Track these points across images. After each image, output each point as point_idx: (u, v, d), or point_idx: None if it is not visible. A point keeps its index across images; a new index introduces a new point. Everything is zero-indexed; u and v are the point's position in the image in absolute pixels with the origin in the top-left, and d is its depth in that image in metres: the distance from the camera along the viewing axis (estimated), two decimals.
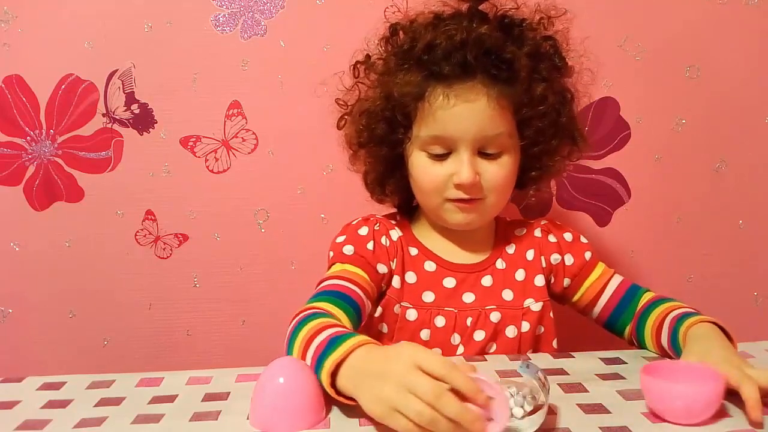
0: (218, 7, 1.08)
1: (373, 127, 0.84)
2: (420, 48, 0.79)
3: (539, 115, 0.81)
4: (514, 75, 0.79)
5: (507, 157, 0.81)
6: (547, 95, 0.81)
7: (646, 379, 0.60)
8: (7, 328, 1.14)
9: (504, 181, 0.82)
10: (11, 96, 1.08)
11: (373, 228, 0.88)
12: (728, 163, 1.16)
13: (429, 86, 0.79)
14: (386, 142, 0.85)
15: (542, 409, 0.56)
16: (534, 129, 0.82)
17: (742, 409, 0.60)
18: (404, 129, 0.83)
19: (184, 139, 1.11)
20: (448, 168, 0.80)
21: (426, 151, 0.81)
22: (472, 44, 0.77)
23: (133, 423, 0.63)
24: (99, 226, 1.12)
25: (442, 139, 0.80)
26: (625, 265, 1.17)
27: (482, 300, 0.86)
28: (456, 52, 0.77)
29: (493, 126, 0.79)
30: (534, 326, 0.86)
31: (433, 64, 0.79)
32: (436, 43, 0.78)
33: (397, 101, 0.81)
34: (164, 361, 1.14)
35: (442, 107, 0.78)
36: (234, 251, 1.14)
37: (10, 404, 0.68)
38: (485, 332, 0.84)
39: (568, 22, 0.86)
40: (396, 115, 0.82)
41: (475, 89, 0.78)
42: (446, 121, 0.78)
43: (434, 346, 0.85)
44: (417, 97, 0.80)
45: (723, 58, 1.13)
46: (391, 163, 0.87)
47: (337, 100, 0.91)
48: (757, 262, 1.19)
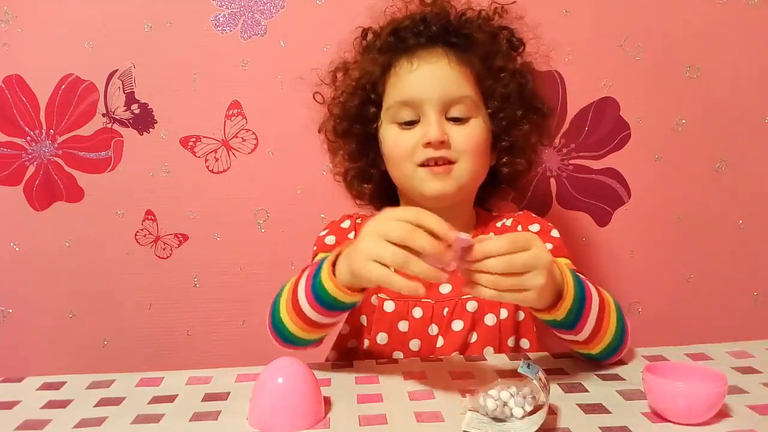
0: (218, 7, 1.08)
1: (347, 107, 0.90)
2: (386, 34, 0.88)
3: (502, 83, 0.87)
4: (472, 45, 0.86)
5: (475, 122, 0.85)
6: (506, 65, 0.88)
7: (649, 378, 0.60)
8: (7, 328, 1.14)
9: (474, 146, 0.85)
10: (11, 96, 1.08)
11: (355, 221, 0.92)
12: (728, 163, 1.16)
13: (394, 58, 0.86)
14: (359, 119, 0.90)
15: (542, 409, 0.56)
16: (498, 97, 0.87)
17: (742, 409, 0.60)
18: (375, 106, 0.88)
19: (184, 139, 1.11)
20: (416, 133, 0.84)
21: (396, 122, 0.86)
22: (432, 17, 0.86)
23: (133, 423, 0.63)
24: (99, 226, 1.12)
25: (408, 101, 0.84)
26: (625, 265, 1.17)
27: (459, 290, 0.86)
28: (418, 25, 0.86)
29: (457, 87, 0.84)
30: (513, 313, 0.86)
31: (399, 42, 0.86)
32: (401, 26, 0.87)
33: (366, 79, 0.87)
34: (164, 361, 1.14)
35: (406, 71, 0.85)
36: (234, 251, 1.14)
37: (10, 404, 0.68)
38: (463, 322, 0.85)
39: (521, 11, 0.94)
40: (367, 93, 0.88)
41: (437, 53, 0.85)
42: (411, 82, 0.84)
43: (413, 338, 0.86)
44: (384, 69, 0.87)
45: (723, 58, 1.13)
46: (366, 145, 0.91)
47: (315, 94, 0.97)
48: (757, 262, 1.19)
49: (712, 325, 1.18)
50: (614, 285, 1.12)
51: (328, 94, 0.97)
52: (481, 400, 0.58)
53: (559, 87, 1.12)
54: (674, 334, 1.17)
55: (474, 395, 0.59)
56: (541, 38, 0.96)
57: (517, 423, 0.56)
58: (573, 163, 1.15)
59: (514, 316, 0.87)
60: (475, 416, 0.58)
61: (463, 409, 0.59)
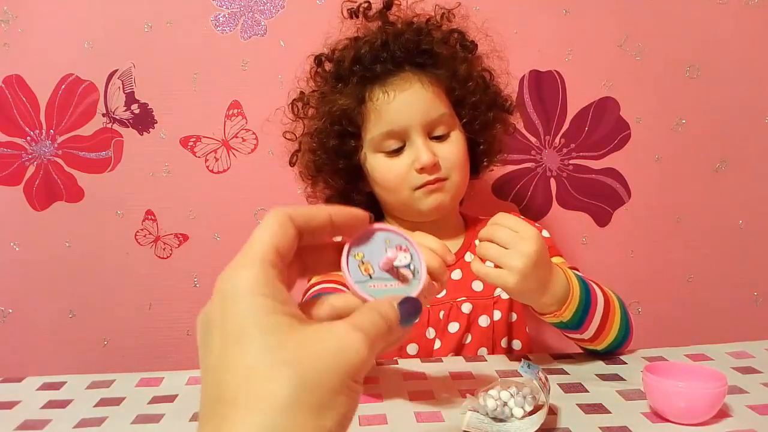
0: (218, 7, 1.08)
1: (325, 143, 0.88)
2: (348, 63, 0.86)
3: (469, 92, 0.89)
4: (436, 61, 0.87)
5: (455, 135, 0.87)
6: (471, 72, 0.89)
7: (650, 379, 0.60)
8: (7, 328, 1.14)
9: (460, 158, 0.87)
10: (11, 96, 1.08)
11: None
12: (728, 163, 1.16)
13: (366, 89, 0.86)
14: (341, 154, 0.89)
15: (542, 409, 0.56)
16: (469, 106, 0.89)
17: (742, 409, 0.60)
18: (354, 139, 0.88)
19: (184, 139, 1.11)
20: (406, 159, 0.85)
21: (382, 151, 0.86)
22: (392, 41, 0.85)
23: (133, 423, 0.63)
24: (99, 226, 1.12)
25: (393, 132, 0.85)
26: (625, 265, 1.17)
27: (453, 293, 0.88)
28: (380, 52, 0.85)
29: (434, 107, 0.85)
30: (506, 314, 0.88)
31: (365, 71, 0.85)
32: (361, 54, 0.86)
33: (341, 113, 0.86)
34: (164, 361, 1.14)
35: (384, 102, 0.84)
36: (234, 251, 1.12)
37: (10, 404, 0.68)
38: (459, 324, 0.86)
39: (466, 11, 0.95)
40: (344, 127, 0.87)
41: (408, 78, 0.85)
42: (392, 113, 0.84)
43: (411, 341, 0.87)
44: (359, 102, 0.86)
45: (723, 58, 1.13)
46: (350, 176, 0.91)
47: (285, 133, 0.97)
48: (757, 262, 1.19)
49: (712, 325, 1.18)
50: (614, 285, 1.11)
51: (295, 128, 0.96)
52: (481, 400, 0.58)
53: (559, 87, 1.12)
54: (674, 334, 1.17)
55: (474, 395, 0.59)
56: (491, 35, 0.96)
57: (517, 423, 0.56)
58: (573, 163, 1.15)
59: (507, 317, 0.89)
60: (475, 416, 0.58)
61: (463, 409, 0.59)
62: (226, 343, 0.30)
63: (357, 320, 0.32)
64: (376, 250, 0.39)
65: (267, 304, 0.30)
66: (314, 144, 0.91)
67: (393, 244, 0.39)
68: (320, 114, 0.89)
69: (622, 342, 0.78)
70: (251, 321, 0.30)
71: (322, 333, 0.30)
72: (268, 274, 0.32)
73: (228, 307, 0.31)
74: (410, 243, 0.40)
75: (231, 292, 0.31)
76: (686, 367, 0.64)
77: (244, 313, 0.30)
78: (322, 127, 0.88)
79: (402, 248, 0.39)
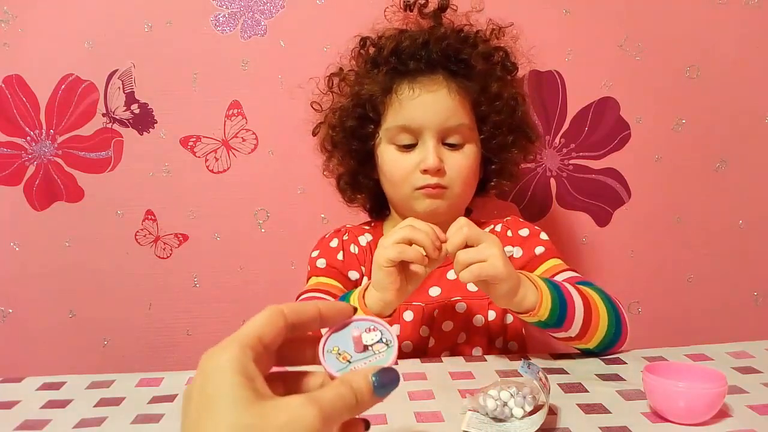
0: (218, 7, 1.08)
1: (345, 122, 0.91)
2: (387, 52, 0.88)
3: (496, 110, 0.89)
4: (470, 72, 0.88)
5: (469, 148, 0.87)
6: (501, 93, 0.90)
7: (649, 379, 0.60)
8: (7, 328, 1.14)
9: (467, 171, 0.87)
10: (11, 96, 1.08)
11: (342, 239, 0.94)
12: (728, 163, 1.16)
13: (395, 81, 0.87)
14: (357, 137, 0.91)
15: (542, 409, 0.56)
16: (491, 124, 0.89)
17: (742, 409, 0.60)
18: (373, 125, 0.90)
19: (184, 139, 1.11)
20: (415, 157, 0.86)
21: (394, 143, 0.87)
22: (433, 43, 0.86)
23: (133, 423, 0.63)
24: (99, 226, 1.12)
25: (408, 128, 0.85)
26: (625, 265, 1.17)
27: (448, 293, 0.89)
28: (419, 50, 0.86)
29: (455, 116, 0.86)
30: (501, 315, 0.89)
31: (399, 64, 0.87)
32: (401, 47, 0.87)
33: (366, 97, 0.88)
34: (164, 361, 1.14)
35: (407, 97, 0.86)
36: (234, 251, 1.14)
37: (9, 404, 0.68)
38: (453, 323, 0.87)
39: (518, 30, 0.96)
40: (366, 111, 0.89)
41: (437, 81, 0.86)
42: (411, 109, 0.85)
43: (405, 340, 0.87)
44: (385, 92, 0.87)
45: (723, 58, 1.13)
46: (362, 159, 0.93)
47: (312, 103, 0.98)
48: (757, 262, 1.19)
49: (712, 325, 1.18)
50: (614, 285, 1.11)
51: (324, 100, 0.97)
52: (481, 400, 0.58)
53: (559, 87, 1.12)
54: (674, 334, 1.17)
55: (474, 395, 0.59)
56: (534, 62, 1.00)
57: (517, 423, 0.56)
58: (573, 163, 1.15)
59: (503, 318, 0.89)
60: (475, 416, 0.58)
61: (463, 409, 0.59)
62: (200, 410, 0.35)
63: (317, 394, 0.37)
64: (348, 339, 0.43)
65: (238, 381, 0.35)
66: (335, 120, 0.92)
67: (362, 328, 0.44)
68: (348, 93, 0.92)
69: (615, 339, 0.77)
70: (222, 393, 0.35)
71: (279, 406, 0.35)
72: (245, 355, 0.37)
73: (206, 382, 0.36)
74: (377, 323, 0.45)
75: (210, 369, 0.36)
76: (686, 367, 0.64)
77: (217, 387, 0.35)
78: (346, 105, 0.91)
79: (371, 329, 0.44)
